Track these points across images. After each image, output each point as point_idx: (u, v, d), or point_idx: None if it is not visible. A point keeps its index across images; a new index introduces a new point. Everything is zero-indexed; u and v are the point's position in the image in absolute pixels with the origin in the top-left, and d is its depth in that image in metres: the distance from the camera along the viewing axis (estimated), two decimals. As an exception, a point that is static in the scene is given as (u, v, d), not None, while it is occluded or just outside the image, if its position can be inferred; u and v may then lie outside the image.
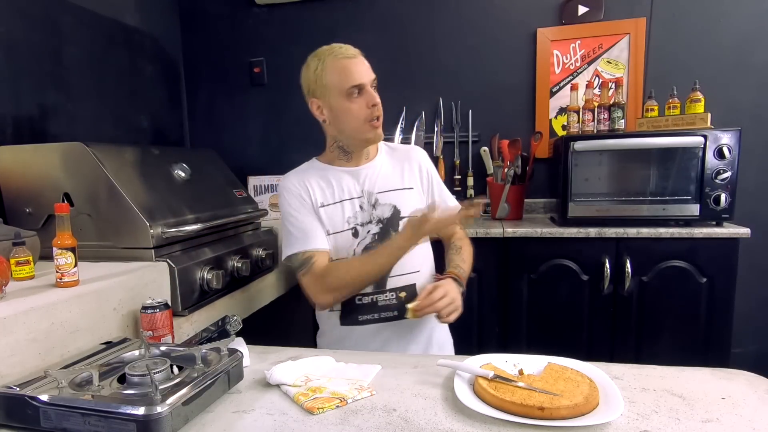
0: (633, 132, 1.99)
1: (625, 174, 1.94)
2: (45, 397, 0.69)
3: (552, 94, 2.34)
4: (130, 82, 2.22)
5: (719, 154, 1.75)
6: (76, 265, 0.99)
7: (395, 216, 1.24)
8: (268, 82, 2.60)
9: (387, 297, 1.22)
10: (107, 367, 0.82)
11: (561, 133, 2.31)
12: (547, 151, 2.31)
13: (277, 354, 1.00)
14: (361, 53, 1.20)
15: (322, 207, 1.22)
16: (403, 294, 1.22)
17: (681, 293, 1.79)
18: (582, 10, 2.25)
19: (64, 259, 0.97)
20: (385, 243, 1.17)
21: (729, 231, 1.74)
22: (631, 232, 1.79)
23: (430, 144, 2.43)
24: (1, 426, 0.71)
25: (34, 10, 1.72)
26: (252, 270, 1.54)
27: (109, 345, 0.92)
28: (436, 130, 2.43)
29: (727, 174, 1.76)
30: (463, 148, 2.43)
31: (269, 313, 1.65)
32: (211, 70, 2.66)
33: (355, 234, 1.22)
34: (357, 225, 1.22)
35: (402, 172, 1.28)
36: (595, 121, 1.99)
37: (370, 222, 1.23)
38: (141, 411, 0.65)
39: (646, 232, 1.78)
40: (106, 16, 2.07)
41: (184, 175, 1.49)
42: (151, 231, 1.21)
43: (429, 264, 1.31)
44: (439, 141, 2.43)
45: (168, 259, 1.22)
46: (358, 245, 1.22)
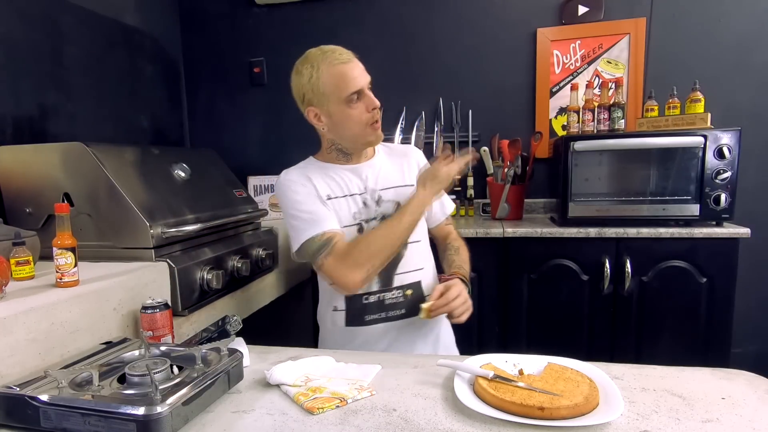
0: (633, 132, 1.99)
1: (625, 174, 1.94)
2: (45, 397, 0.69)
3: (552, 94, 2.34)
4: (130, 82, 2.22)
5: (719, 154, 1.75)
6: (76, 265, 0.99)
7: None
8: (268, 82, 2.60)
9: (394, 295, 1.21)
10: (107, 367, 0.82)
11: (561, 133, 2.31)
12: (547, 151, 2.31)
13: (277, 354, 1.00)
14: (354, 55, 1.17)
15: (329, 199, 1.19)
16: (409, 292, 1.21)
17: (681, 293, 1.79)
18: (582, 10, 2.25)
19: (64, 259, 0.97)
20: (404, 204, 1.15)
21: (729, 231, 1.74)
22: (631, 232, 1.79)
23: (430, 144, 2.43)
24: (1, 426, 0.71)
25: (34, 10, 1.72)
26: (252, 270, 1.54)
27: (109, 345, 0.92)
28: (436, 130, 2.43)
29: (727, 174, 1.76)
30: (463, 148, 2.43)
31: (269, 313, 1.65)
32: (211, 70, 2.66)
33: (360, 230, 1.20)
34: (362, 221, 1.20)
35: (401, 169, 1.28)
36: (595, 121, 1.99)
37: (375, 219, 1.21)
38: (141, 411, 0.65)
39: (646, 232, 1.78)
40: (106, 16, 2.07)
41: (184, 175, 1.49)
42: (151, 231, 1.21)
43: (431, 262, 1.30)
44: (439, 141, 2.42)
45: (168, 259, 1.22)
46: None
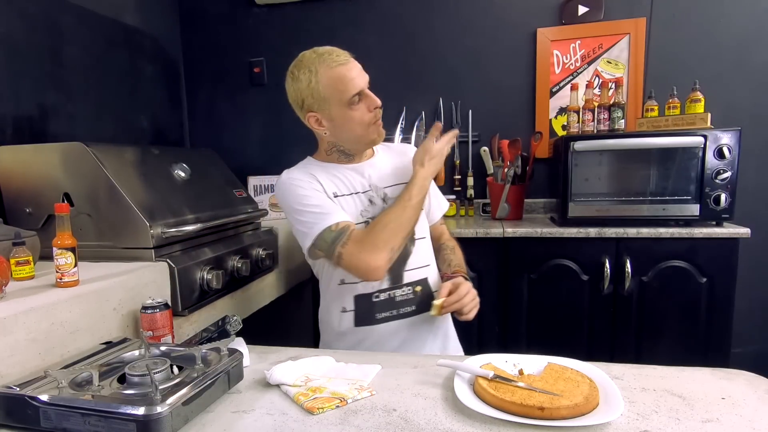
0: (633, 132, 1.99)
1: (625, 174, 1.94)
2: (45, 397, 0.69)
3: (552, 94, 2.34)
4: (130, 82, 2.22)
5: (719, 154, 1.75)
6: (76, 265, 0.99)
7: None
8: (268, 82, 2.60)
9: (404, 292, 1.20)
10: (107, 367, 0.82)
11: (561, 133, 2.31)
12: (547, 151, 2.31)
13: (277, 354, 1.00)
14: (351, 54, 1.15)
15: (336, 197, 1.17)
16: (418, 288, 1.21)
17: (681, 293, 1.79)
18: (582, 10, 2.25)
19: (64, 259, 0.97)
20: (407, 185, 1.15)
21: (729, 231, 1.74)
22: (631, 232, 1.79)
23: (430, 144, 2.43)
24: (1, 426, 0.71)
25: (34, 10, 1.72)
26: (252, 270, 1.54)
27: (109, 345, 0.92)
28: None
29: (727, 174, 1.76)
30: (463, 148, 2.42)
31: (269, 313, 1.65)
32: (211, 70, 2.66)
33: None
34: (369, 218, 1.19)
35: (403, 167, 1.27)
36: (595, 121, 1.99)
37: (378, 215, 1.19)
38: (141, 411, 0.65)
39: (646, 232, 1.78)
40: (106, 16, 2.07)
41: (184, 175, 1.49)
42: (151, 231, 1.21)
43: (434, 259, 1.29)
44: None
45: (168, 259, 1.22)
46: None
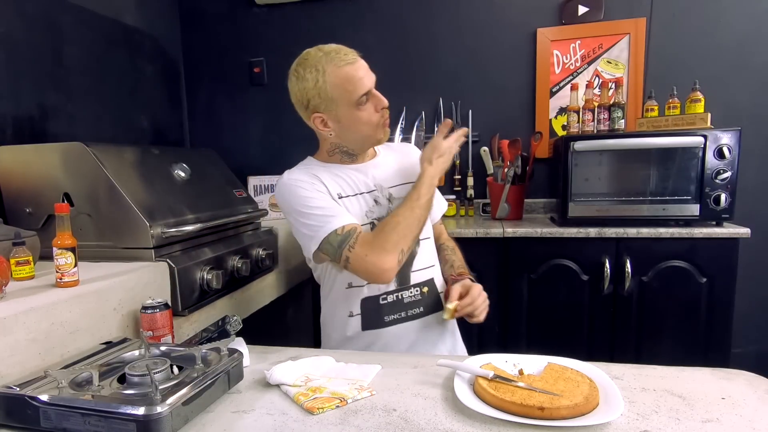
0: (633, 132, 1.99)
1: (625, 174, 1.94)
2: (45, 397, 0.69)
3: (552, 94, 2.34)
4: (130, 82, 2.22)
5: (719, 154, 1.75)
6: (76, 265, 0.99)
7: None
8: (268, 82, 2.60)
9: (412, 293, 1.18)
10: (107, 367, 0.82)
11: (561, 133, 2.31)
12: (547, 151, 2.31)
13: (277, 354, 1.00)
14: (358, 53, 1.11)
15: (340, 198, 1.14)
16: (426, 289, 1.20)
17: (681, 293, 1.79)
18: (582, 10, 2.25)
19: (64, 259, 0.97)
20: (416, 183, 1.13)
21: (729, 231, 1.74)
22: (631, 232, 1.79)
23: (430, 144, 2.43)
24: (1, 426, 0.71)
25: (34, 10, 1.72)
26: (252, 270, 1.54)
27: (109, 345, 0.92)
28: (436, 130, 2.42)
29: (727, 174, 1.76)
30: (463, 148, 2.41)
31: (269, 313, 1.65)
32: (211, 70, 2.66)
33: (373, 229, 1.15)
34: (374, 219, 1.17)
35: (407, 166, 1.25)
36: (595, 121, 1.99)
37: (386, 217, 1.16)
38: (141, 411, 0.65)
39: (646, 232, 1.78)
40: (106, 16, 2.07)
41: (184, 175, 1.49)
42: (151, 231, 1.21)
43: (437, 260, 1.29)
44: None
45: (168, 259, 1.22)
46: None
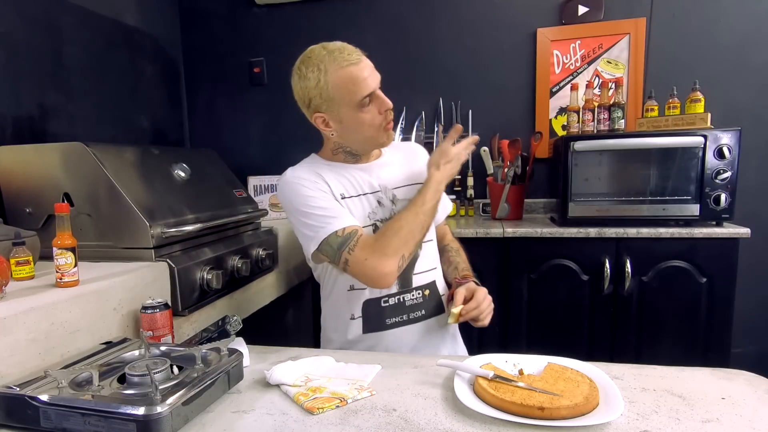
0: (633, 132, 1.99)
1: (625, 174, 1.94)
2: (45, 397, 0.69)
3: (552, 94, 2.34)
4: (130, 82, 2.22)
5: (719, 154, 1.75)
6: (76, 265, 0.99)
7: None
8: (268, 82, 2.60)
9: (414, 296, 1.17)
10: (107, 367, 0.82)
11: (561, 133, 2.31)
12: (547, 151, 2.31)
13: (277, 354, 1.00)
14: (363, 52, 1.10)
15: (343, 198, 1.12)
16: (427, 292, 1.19)
17: (681, 293, 1.79)
18: (582, 10, 2.25)
19: (64, 259, 0.97)
20: (421, 188, 1.11)
21: (729, 231, 1.74)
22: (631, 232, 1.79)
23: (430, 144, 2.42)
24: (1, 426, 0.71)
25: (34, 10, 1.72)
26: (252, 270, 1.54)
27: (109, 345, 0.92)
28: (437, 130, 2.43)
29: (727, 174, 1.76)
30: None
31: (269, 313, 1.65)
32: (211, 70, 2.66)
33: (375, 231, 1.14)
34: (377, 221, 1.15)
35: (412, 167, 1.24)
36: (595, 121, 1.99)
37: (390, 218, 1.15)
38: (141, 411, 0.65)
39: (646, 232, 1.78)
40: (106, 16, 2.07)
41: (184, 175, 1.49)
42: (151, 231, 1.21)
43: (439, 262, 1.28)
44: (439, 141, 2.42)
45: (168, 259, 1.22)
46: None
